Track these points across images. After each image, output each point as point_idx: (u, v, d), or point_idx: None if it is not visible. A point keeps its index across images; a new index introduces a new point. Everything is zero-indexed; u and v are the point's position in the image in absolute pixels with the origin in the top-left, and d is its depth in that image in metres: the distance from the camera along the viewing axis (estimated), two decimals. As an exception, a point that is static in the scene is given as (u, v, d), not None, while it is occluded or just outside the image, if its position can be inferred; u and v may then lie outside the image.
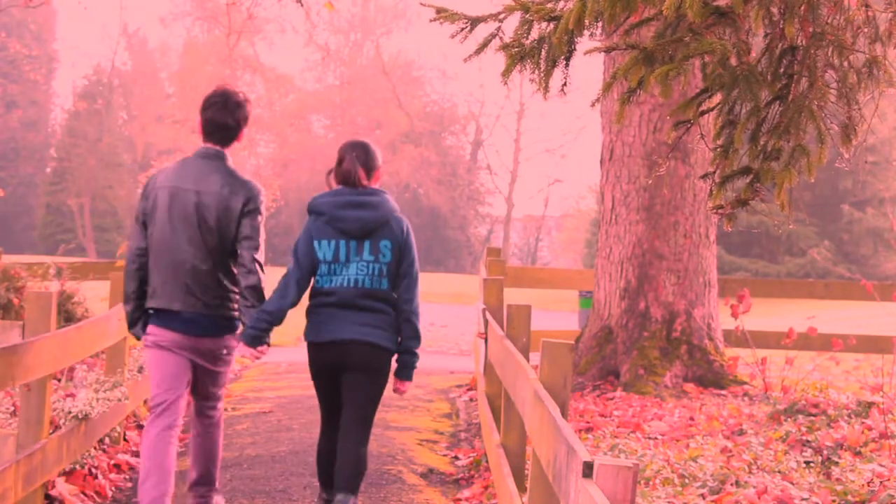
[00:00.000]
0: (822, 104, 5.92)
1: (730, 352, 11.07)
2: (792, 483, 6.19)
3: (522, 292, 21.43)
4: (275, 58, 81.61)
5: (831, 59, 5.91)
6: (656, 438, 8.11)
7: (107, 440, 8.13)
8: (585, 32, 5.74)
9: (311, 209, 6.25)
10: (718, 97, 6.09)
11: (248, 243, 6.11)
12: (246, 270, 6.10)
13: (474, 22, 6.14)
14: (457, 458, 8.55)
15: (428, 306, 18.80)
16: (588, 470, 3.33)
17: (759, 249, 36.46)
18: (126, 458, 8.08)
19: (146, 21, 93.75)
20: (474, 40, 6.26)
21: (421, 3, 6.30)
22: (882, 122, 31.83)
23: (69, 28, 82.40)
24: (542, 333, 9.53)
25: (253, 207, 6.14)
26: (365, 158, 6.27)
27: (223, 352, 6.25)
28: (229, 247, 6.14)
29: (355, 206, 6.17)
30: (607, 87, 6.23)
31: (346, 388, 6.20)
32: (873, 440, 7.11)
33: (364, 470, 6.16)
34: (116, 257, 27.21)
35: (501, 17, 6.15)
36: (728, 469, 6.60)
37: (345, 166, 6.26)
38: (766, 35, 6.00)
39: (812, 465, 6.85)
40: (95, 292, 12.08)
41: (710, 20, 5.69)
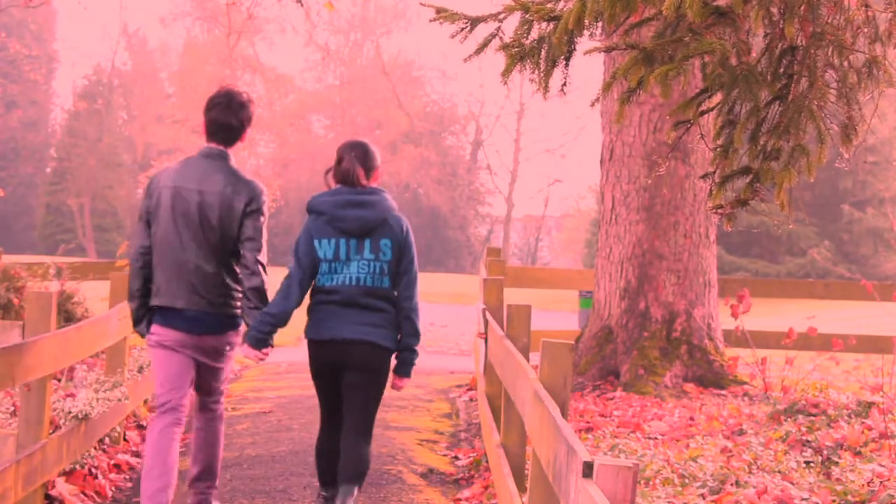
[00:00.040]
0: (822, 104, 5.92)
1: (730, 352, 11.07)
2: (792, 483, 6.19)
3: (522, 292, 21.42)
4: (275, 58, 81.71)
5: (831, 58, 5.91)
6: (656, 438, 8.11)
7: (107, 440, 8.13)
8: (585, 32, 5.74)
9: (310, 208, 6.27)
10: (718, 97, 6.10)
11: (251, 244, 6.15)
12: (249, 272, 6.15)
13: (474, 22, 6.15)
14: (457, 458, 8.55)
15: (428, 306, 18.80)
16: (588, 470, 3.33)
17: (759, 249, 36.45)
18: (126, 458, 8.08)
19: (146, 21, 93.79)
20: (474, 40, 6.27)
21: (421, 3, 6.30)
22: (882, 122, 31.82)
23: (69, 28, 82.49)
24: (542, 333, 9.53)
25: (255, 207, 6.18)
26: (364, 158, 6.30)
27: (226, 348, 6.31)
28: (232, 246, 6.18)
29: (355, 205, 6.20)
30: (607, 87, 6.24)
31: (346, 388, 6.24)
32: (873, 440, 7.11)
33: (366, 468, 6.21)
34: (116, 257, 27.25)
35: (501, 17, 6.15)
36: (728, 469, 6.60)
37: (344, 166, 6.29)
38: (766, 35, 6.00)
39: (812, 465, 6.85)
40: (95, 292, 12.08)
41: (709, 20, 5.69)
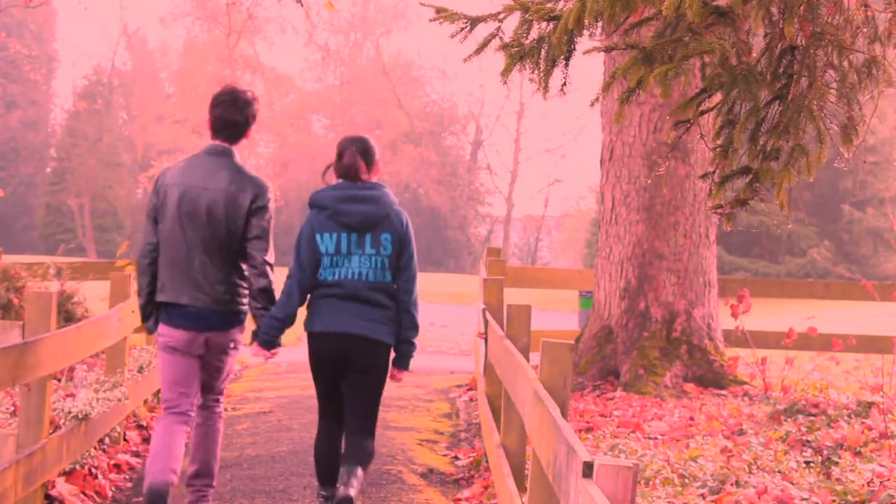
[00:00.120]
0: (822, 104, 5.92)
1: (730, 352, 11.06)
2: (792, 483, 6.19)
3: (522, 292, 21.40)
4: (275, 58, 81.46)
5: (831, 58, 5.91)
6: (656, 438, 8.11)
7: (107, 440, 8.13)
8: (585, 32, 5.74)
9: (312, 203, 6.33)
10: (718, 97, 6.10)
11: (259, 244, 6.20)
12: (257, 273, 6.21)
13: (474, 22, 6.15)
14: (457, 458, 8.55)
15: (428, 306, 18.79)
16: (588, 470, 3.33)
17: (759, 249, 36.43)
18: (126, 458, 8.08)
19: (146, 21, 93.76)
20: (474, 40, 6.28)
21: (421, 3, 6.31)
22: (882, 122, 31.81)
23: (69, 28, 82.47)
24: (542, 333, 9.52)
25: (261, 204, 6.22)
26: (365, 152, 6.39)
27: (230, 345, 6.35)
28: (237, 243, 6.22)
29: (357, 200, 6.27)
30: (606, 87, 6.25)
31: (348, 384, 6.32)
32: (873, 440, 7.11)
33: (370, 457, 6.30)
34: (116, 257, 27.22)
35: (501, 16, 6.15)
36: (728, 469, 6.60)
37: (346, 160, 6.35)
38: (766, 35, 6.00)
39: (812, 465, 6.84)
40: (95, 292, 12.08)
41: (709, 20, 5.69)
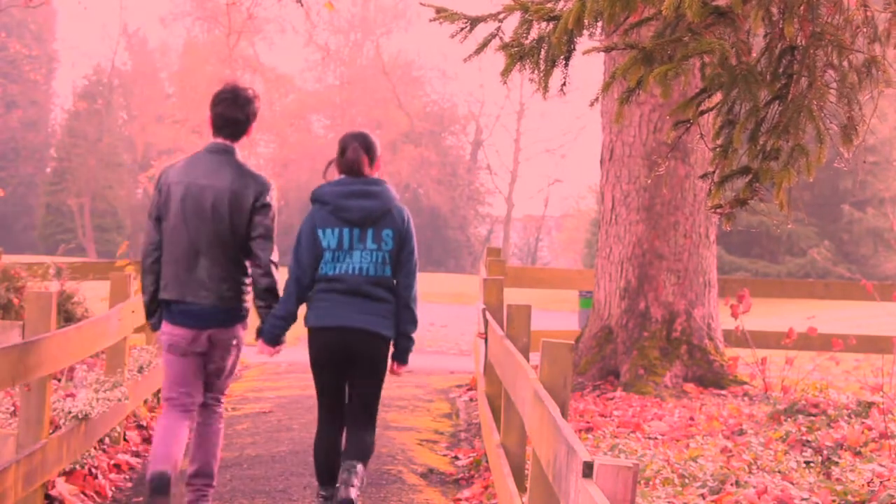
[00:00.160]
0: (822, 104, 5.92)
1: (730, 352, 11.06)
2: (792, 483, 6.19)
3: (522, 292, 21.40)
4: (275, 58, 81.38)
5: (831, 58, 5.91)
6: (656, 438, 8.11)
7: (107, 440, 8.13)
8: (585, 32, 5.75)
9: (314, 198, 6.36)
10: (718, 97, 6.10)
11: (263, 243, 6.23)
12: (261, 272, 6.24)
13: (474, 22, 6.15)
14: (457, 458, 8.55)
15: (428, 306, 18.79)
16: (588, 470, 3.33)
17: (759, 249, 36.42)
18: (126, 458, 8.08)
19: (146, 21, 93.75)
20: (474, 40, 6.28)
21: (421, 3, 6.31)
22: (882, 122, 31.80)
23: (69, 28, 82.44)
24: (542, 333, 9.52)
25: (265, 202, 6.24)
26: (367, 147, 6.43)
27: (232, 342, 6.37)
28: (241, 240, 6.24)
29: (359, 195, 6.31)
30: (606, 87, 6.25)
31: (348, 378, 6.39)
32: (873, 440, 7.11)
33: (370, 452, 6.35)
34: (116, 257, 27.23)
35: (501, 16, 6.15)
36: (728, 469, 6.60)
37: (348, 155, 6.38)
38: (766, 35, 6.00)
39: (812, 465, 6.84)
40: (95, 292, 12.08)
41: (709, 20, 5.69)
